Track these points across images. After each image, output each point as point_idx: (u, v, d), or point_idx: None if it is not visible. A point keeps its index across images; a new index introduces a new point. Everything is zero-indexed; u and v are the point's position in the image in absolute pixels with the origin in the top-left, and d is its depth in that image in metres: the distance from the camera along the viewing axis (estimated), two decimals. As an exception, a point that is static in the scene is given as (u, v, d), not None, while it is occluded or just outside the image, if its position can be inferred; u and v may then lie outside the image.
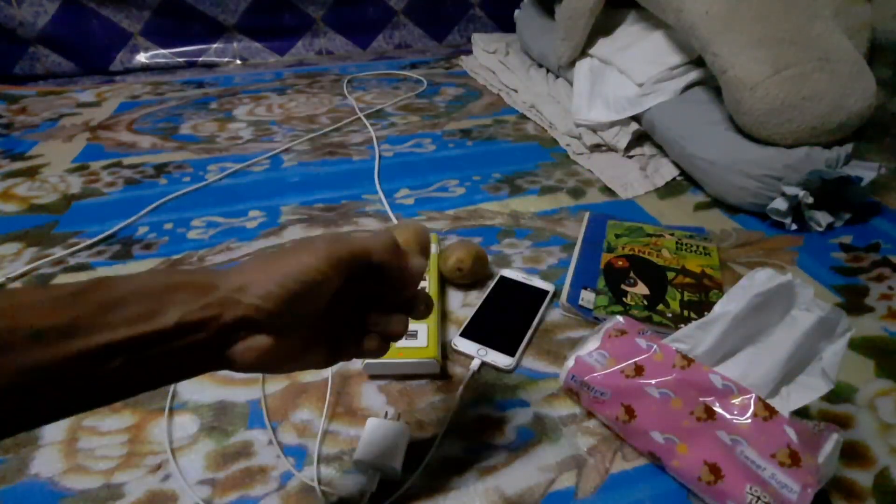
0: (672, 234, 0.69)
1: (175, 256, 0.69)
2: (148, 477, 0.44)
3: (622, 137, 0.92)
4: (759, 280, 0.43)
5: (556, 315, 0.60)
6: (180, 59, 1.46)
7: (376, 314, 0.36)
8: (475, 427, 0.48)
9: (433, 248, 0.65)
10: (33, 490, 0.43)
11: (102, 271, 0.67)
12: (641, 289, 0.61)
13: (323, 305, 0.32)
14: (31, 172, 0.91)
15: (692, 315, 0.57)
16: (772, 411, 0.40)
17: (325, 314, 0.33)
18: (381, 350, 0.36)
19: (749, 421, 0.40)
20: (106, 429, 0.48)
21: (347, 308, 0.35)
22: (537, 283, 0.63)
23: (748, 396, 0.41)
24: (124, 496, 0.43)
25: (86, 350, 0.25)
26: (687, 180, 0.87)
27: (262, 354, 0.30)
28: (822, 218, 0.73)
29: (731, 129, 0.79)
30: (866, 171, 0.71)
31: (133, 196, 0.84)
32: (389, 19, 1.60)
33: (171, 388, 0.51)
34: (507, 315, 0.59)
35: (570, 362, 0.49)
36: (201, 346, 0.28)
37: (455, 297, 0.63)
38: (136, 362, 0.26)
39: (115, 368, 0.26)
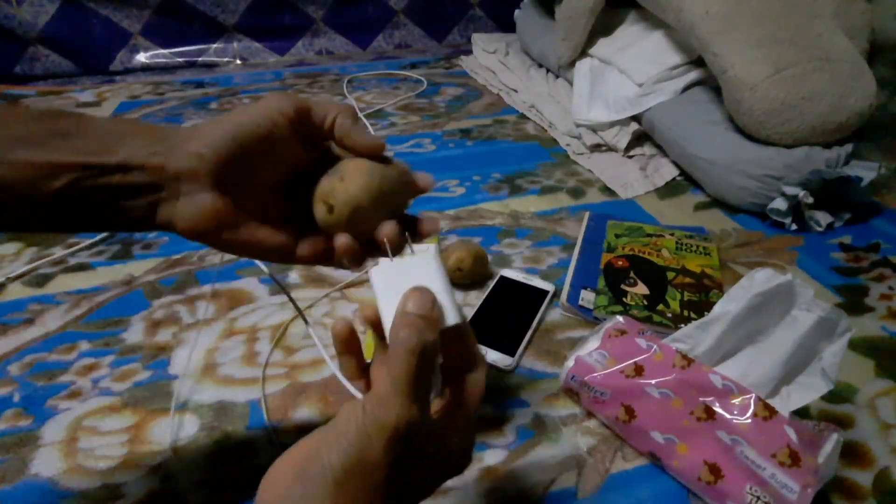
0: (672, 234, 0.69)
1: (175, 256, 0.69)
2: (148, 477, 0.44)
3: (622, 137, 0.92)
4: (759, 280, 0.43)
5: (556, 315, 0.60)
6: (180, 59, 1.46)
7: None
8: (475, 427, 0.48)
9: (433, 248, 0.65)
10: (33, 490, 0.43)
11: (102, 271, 0.67)
12: (641, 289, 0.61)
13: (279, 168, 0.31)
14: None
15: (692, 315, 0.57)
16: (772, 411, 0.40)
17: (279, 186, 0.32)
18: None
19: (749, 421, 0.40)
20: (106, 429, 0.48)
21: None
22: (537, 283, 0.63)
23: (748, 396, 0.41)
24: (124, 496, 0.43)
25: (34, 162, 0.27)
26: (687, 180, 0.87)
27: (204, 217, 0.30)
28: (822, 218, 0.73)
29: (731, 129, 0.79)
30: (866, 171, 0.72)
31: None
32: (389, 19, 1.60)
33: (171, 387, 0.51)
34: (507, 315, 0.59)
35: (570, 362, 0.48)
36: (143, 189, 0.29)
37: (455, 298, 0.63)
38: (78, 190, 0.28)
39: (57, 189, 0.28)
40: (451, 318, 0.30)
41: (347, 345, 0.33)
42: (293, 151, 0.32)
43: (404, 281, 0.30)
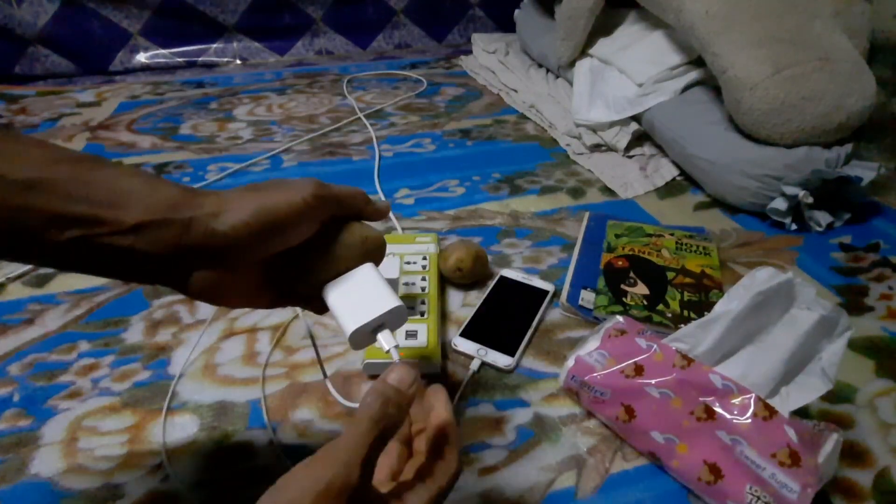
0: (672, 234, 0.69)
1: (175, 256, 0.69)
2: (148, 477, 0.44)
3: (622, 137, 0.92)
4: (761, 279, 0.43)
5: (556, 315, 0.60)
6: (180, 59, 1.46)
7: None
8: (475, 427, 0.48)
9: (433, 248, 0.65)
10: (33, 490, 0.43)
11: (102, 271, 0.67)
12: (641, 289, 0.61)
13: (280, 246, 0.32)
14: (30, 172, 0.91)
15: (692, 315, 0.57)
16: (772, 411, 0.40)
17: (290, 255, 0.33)
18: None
19: (749, 421, 0.40)
20: (106, 429, 0.48)
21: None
22: (537, 283, 0.63)
23: (748, 396, 0.41)
24: (124, 496, 0.43)
25: (46, 210, 0.26)
26: (687, 180, 0.87)
27: (215, 284, 0.30)
28: (822, 218, 0.73)
29: (730, 129, 0.79)
30: (866, 171, 0.71)
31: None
32: (389, 19, 1.60)
33: (172, 388, 0.51)
34: (507, 315, 0.59)
35: (570, 362, 0.48)
36: (153, 257, 0.28)
37: (455, 297, 0.63)
38: (88, 243, 0.27)
39: (68, 239, 0.27)
40: (390, 302, 0.35)
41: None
42: (309, 232, 0.32)
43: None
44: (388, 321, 0.35)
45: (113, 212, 0.27)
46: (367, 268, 0.36)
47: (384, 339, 0.35)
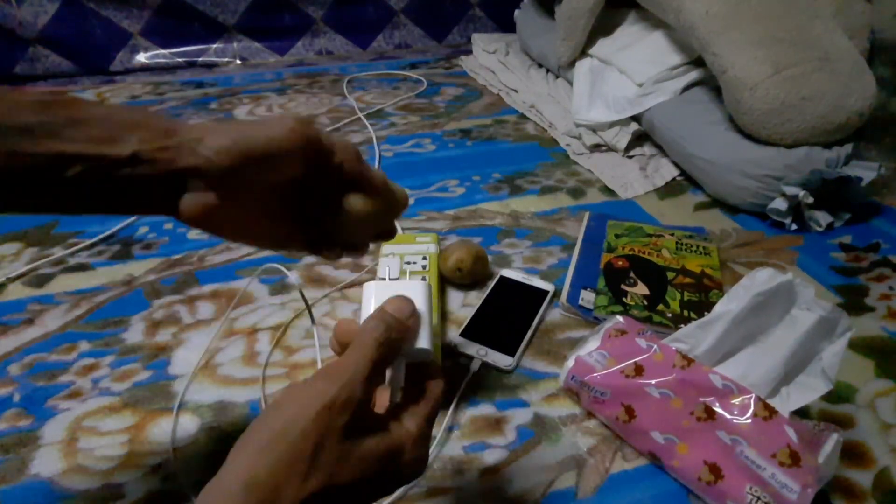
0: (672, 234, 0.69)
1: (175, 256, 0.69)
2: (148, 477, 0.44)
3: (622, 137, 0.92)
4: (760, 279, 0.43)
5: (556, 315, 0.60)
6: (180, 59, 1.46)
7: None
8: (475, 427, 0.48)
9: (433, 248, 0.65)
10: (33, 490, 0.43)
11: (102, 271, 0.67)
12: (641, 289, 0.61)
13: (281, 180, 0.33)
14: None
15: (692, 315, 0.57)
16: (772, 411, 0.40)
17: (287, 196, 0.34)
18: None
19: (749, 421, 0.40)
20: (106, 429, 0.48)
21: (317, 203, 0.35)
22: (537, 283, 0.63)
23: (748, 396, 0.41)
24: (124, 496, 0.43)
25: (48, 153, 0.27)
26: (687, 180, 0.87)
27: (206, 210, 0.31)
28: (822, 218, 0.73)
29: (731, 129, 0.79)
30: (866, 171, 0.72)
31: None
32: (389, 19, 1.60)
33: (171, 387, 0.51)
34: (507, 315, 0.59)
35: (570, 362, 0.49)
36: (151, 181, 0.30)
37: (455, 297, 0.63)
38: (90, 178, 0.29)
39: (71, 178, 0.28)
40: (424, 343, 0.32)
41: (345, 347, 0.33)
42: (294, 168, 0.33)
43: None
44: (409, 354, 0.33)
45: (111, 146, 0.29)
46: (420, 286, 0.35)
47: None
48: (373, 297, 0.33)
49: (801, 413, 0.42)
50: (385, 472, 0.28)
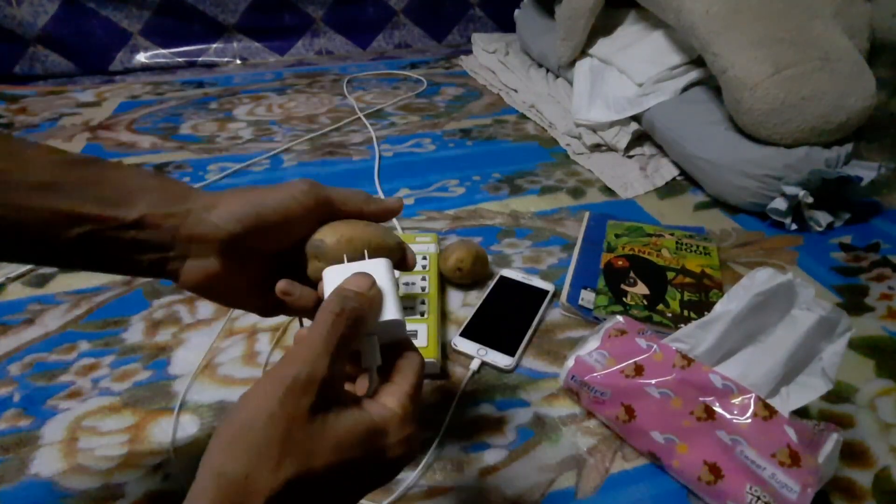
0: (672, 234, 0.69)
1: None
2: (148, 477, 0.44)
3: (622, 137, 0.92)
4: (760, 279, 0.43)
5: (556, 315, 0.60)
6: (180, 59, 1.46)
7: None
8: (475, 427, 0.48)
9: (433, 248, 0.65)
10: (33, 490, 0.43)
11: (102, 271, 0.67)
12: (641, 289, 0.61)
13: (278, 244, 0.33)
14: (30, 172, 0.91)
15: (692, 315, 0.57)
16: (772, 411, 0.40)
17: (288, 263, 0.34)
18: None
19: (749, 421, 0.40)
20: (106, 429, 0.48)
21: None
22: (537, 283, 0.63)
23: (748, 396, 0.41)
24: (124, 496, 0.43)
25: (56, 210, 0.28)
26: (687, 180, 0.87)
27: (207, 277, 0.31)
28: (822, 218, 0.73)
29: (730, 128, 0.79)
30: (866, 171, 0.71)
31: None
32: (389, 19, 1.60)
33: (171, 387, 0.51)
34: (507, 315, 0.59)
35: (570, 362, 0.49)
36: (154, 247, 0.30)
37: (455, 297, 0.63)
38: (95, 238, 0.29)
39: (77, 236, 0.29)
40: (392, 314, 0.31)
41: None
42: (306, 229, 0.33)
43: None
44: (379, 329, 0.31)
45: (119, 209, 0.29)
46: (381, 263, 0.32)
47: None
48: (333, 283, 0.31)
49: (801, 413, 0.42)
50: (368, 455, 0.27)
